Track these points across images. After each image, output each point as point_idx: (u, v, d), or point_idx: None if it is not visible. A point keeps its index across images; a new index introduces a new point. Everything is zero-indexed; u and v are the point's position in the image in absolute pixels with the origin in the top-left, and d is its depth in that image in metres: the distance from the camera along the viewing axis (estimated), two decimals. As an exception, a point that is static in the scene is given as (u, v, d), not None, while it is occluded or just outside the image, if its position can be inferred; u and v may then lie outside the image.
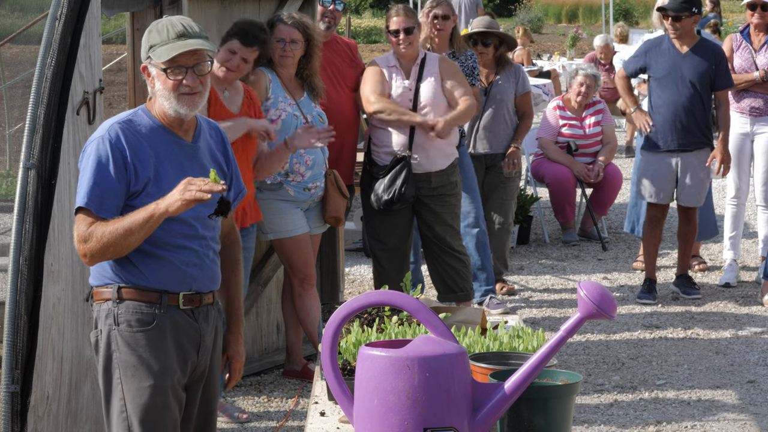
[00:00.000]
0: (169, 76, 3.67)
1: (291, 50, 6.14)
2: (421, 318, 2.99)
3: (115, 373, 3.73)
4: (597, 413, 6.04)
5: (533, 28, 31.86)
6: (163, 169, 3.69)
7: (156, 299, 3.73)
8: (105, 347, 3.73)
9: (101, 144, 3.65)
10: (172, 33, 3.68)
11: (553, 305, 8.10)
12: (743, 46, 8.26)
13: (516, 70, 8.37)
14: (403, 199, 6.69)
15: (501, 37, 8.31)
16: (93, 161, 3.64)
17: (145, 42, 3.72)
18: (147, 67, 3.72)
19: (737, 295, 8.25)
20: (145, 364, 3.71)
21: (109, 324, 3.72)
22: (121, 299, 3.71)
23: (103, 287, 3.74)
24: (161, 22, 3.74)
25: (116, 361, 3.72)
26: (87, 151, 3.68)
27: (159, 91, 3.71)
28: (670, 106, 7.80)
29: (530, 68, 17.33)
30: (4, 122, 11.86)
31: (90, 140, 3.70)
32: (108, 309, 3.72)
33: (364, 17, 39.32)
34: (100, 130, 3.71)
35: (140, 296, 3.72)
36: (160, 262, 3.72)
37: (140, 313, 3.72)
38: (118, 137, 3.66)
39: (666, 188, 7.92)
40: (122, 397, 3.72)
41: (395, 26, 6.78)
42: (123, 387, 3.72)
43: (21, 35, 9.07)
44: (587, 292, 2.90)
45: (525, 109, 8.36)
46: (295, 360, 6.59)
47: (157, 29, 3.71)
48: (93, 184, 3.62)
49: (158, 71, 3.69)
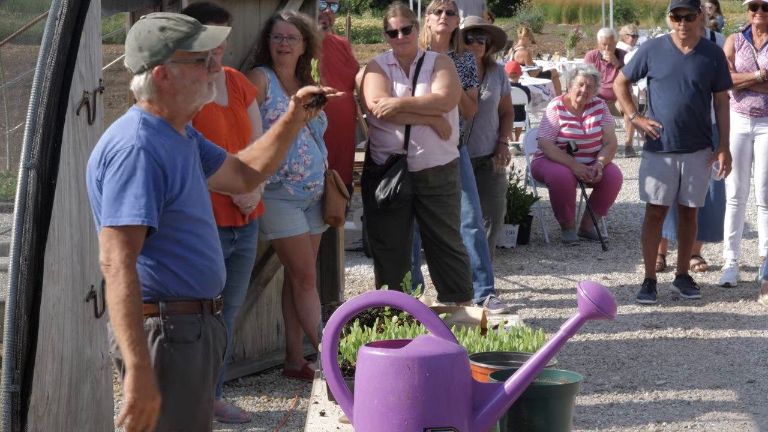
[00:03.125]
0: (207, 67, 3.57)
1: (288, 45, 6.11)
2: (421, 318, 2.99)
3: (165, 392, 3.55)
4: (597, 413, 6.04)
5: (533, 28, 31.87)
6: (185, 172, 3.58)
7: (199, 309, 3.64)
8: (155, 366, 3.54)
9: (138, 155, 3.47)
10: (191, 24, 3.58)
11: (553, 305, 8.11)
12: (745, 46, 8.27)
13: (500, 70, 8.36)
14: (399, 198, 6.69)
15: (493, 34, 8.28)
16: (139, 175, 3.44)
17: (157, 43, 3.54)
18: (166, 68, 3.54)
19: (737, 295, 8.25)
20: (199, 379, 3.64)
21: (160, 340, 3.58)
22: (170, 313, 3.59)
23: (145, 303, 3.52)
24: (162, 21, 3.57)
25: (170, 380, 3.59)
26: (120, 163, 3.47)
27: (185, 87, 3.57)
28: (671, 107, 7.80)
29: (530, 68, 17.35)
30: (4, 122, 11.86)
31: (119, 150, 3.48)
32: (155, 325, 3.58)
33: (364, 17, 39.33)
34: (129, 139, 3.50)
35: (186, 308, 3.62)
36: (201, 269, 3.63)
37: (190, 325, 3.62)
38: (150, 143, 3.51)
39: (668, 189, 7.92)
40: (169, 416, 3.59)
41: (393, 26, 6.78)
42: (170, 404, 3.58)
43: (21, 35, 9.07)
44: (587, 292, 2.90)
45: (507, 109, 8.39)
46: (295, 360, 6.59)
47: (167, 28, 3.55)
48: (146, 199, 3.43)
49: (188, 65, 3.55)
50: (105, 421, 4.90)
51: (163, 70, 3.55)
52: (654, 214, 8.07)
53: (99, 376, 4.85)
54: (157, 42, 3.54)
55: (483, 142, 8.22)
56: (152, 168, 3.47)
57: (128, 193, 3.44)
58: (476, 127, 8.14)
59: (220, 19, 5.56)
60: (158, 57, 3.54)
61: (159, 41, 3.55)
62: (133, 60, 3.58)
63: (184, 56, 3.56)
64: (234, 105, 5.70)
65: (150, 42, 3.55)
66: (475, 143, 8.16)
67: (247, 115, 5.77)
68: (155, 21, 3.59)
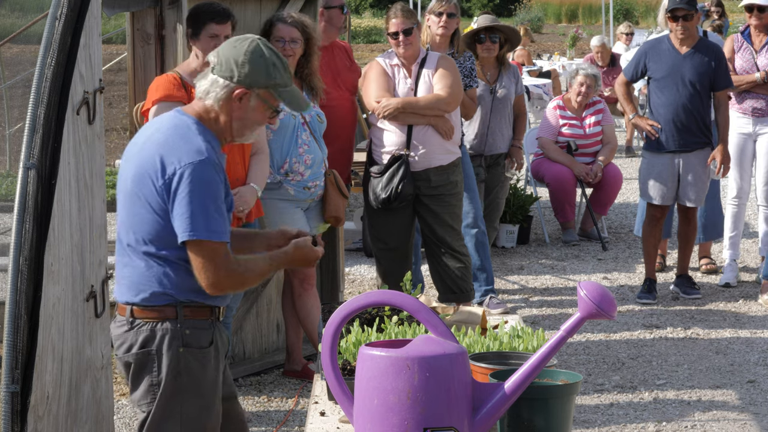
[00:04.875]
0: (271, 116, 3.69)
1: (291, 49, 6.13)
2: (421, 318, 2.99)
3: (178, 397, 3.64)
4: (597, 413, 6.04)
5: (533, 28, 31.88)
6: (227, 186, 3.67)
7: (210, 315, 3.70)
8: (170, 370, 3.62)
9: (208, 168, 3.54)
10: (289, 77, 3.68)
11: (553, 305, 8.10)
12: (744, 47, 8.26)
13: (514, 70, 8.44)
14: (400, 197, 6.69)
15: (507, 33, 8.34)
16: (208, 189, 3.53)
17: (262, 71, 3.61)
18: (249, 94, 3.62)
19: (737, 295, 8.25)
20: (212, 385, 3.68)
21: (177, 345, 3.62)
22: (186, 318, 3.64)
23: (161, 306, 3.62)
24: (275, 59, 3.64)
25: (183, 385, 3.64)
26: (192, 177, 3.52)
27: (246, 118, 3.65)
28: (670, 107, 7.80)
29: (530, 68, 17.34)
30: (4, 122, 11.87)
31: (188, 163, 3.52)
32: (172, 329, 3.62)
33: (364, 17, 39.34)
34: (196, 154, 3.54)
35: (200, 314, 3.67)
36: None
37: (204, 331, 3.67)
38: (214, 154, 3.59)
39: (668, 189, 7.92)
40: (179, 420, 3.64)
41: (394, 28, 6.78)
42: (182, 410, 3.64)
43: (21, 35, 9.08)
44: (587, 292, 2.90)
45: (520, 109, 8.53)
46: (295, 360, 6.59)
47: (277, 68, 3.63)
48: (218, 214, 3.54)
49: (264, 105, 3.65)
50: (105, 421, 4.90)
51: (246, 95, 3.62)
52: (654, 214, 8.07)
53: (99, 376, 4.85)
54: (262, 71, 3.62)
55: (499, 140, 8.31)
56: (218, 183, 3.57)
57: (210, 208, 3.53)
58: (493, 125, 8.21)
59: (222, 19, 5.56)
60: (250, 81, 3.61)
61: (263, 71, 3.62)
62: (229, 66, 3.62)
63: (268, 97, 3.64)
64: None
65: (256, 65, 3.61)
66: (492, 141, 8.24)
67: None
68: (272, 55, 3.65)
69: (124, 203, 3.66)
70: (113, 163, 9.77)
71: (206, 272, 3.53)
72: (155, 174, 3.55)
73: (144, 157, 3.60)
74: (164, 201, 3.54)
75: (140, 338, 3.65)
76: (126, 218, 3.66)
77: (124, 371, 3.74)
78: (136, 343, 3.66)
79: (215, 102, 3.63)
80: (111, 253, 4.35)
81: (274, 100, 3.65)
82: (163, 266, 3.59)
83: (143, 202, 3.58)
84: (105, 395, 4.90)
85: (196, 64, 5.60)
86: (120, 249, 3.71)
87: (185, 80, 5.56)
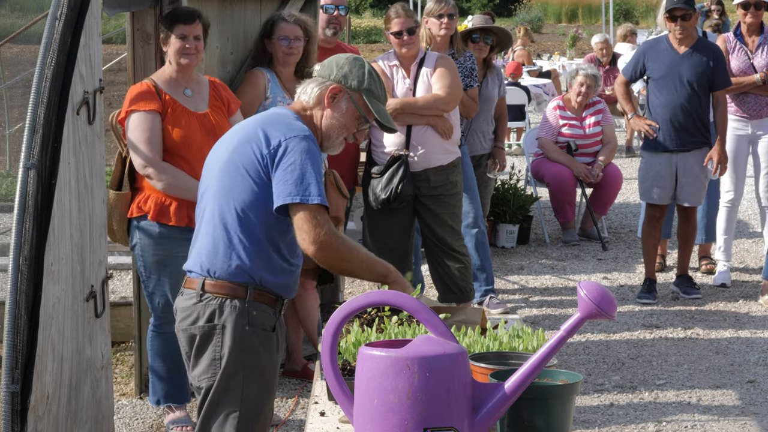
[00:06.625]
0: (360, 126, 3.77)
1: (296, 47, 6.15)
2: (421, 318, 2.99)
3: (240, 375, 3.73)
4: (597, 413, 6.04)
5: (533, 28, 31.87)
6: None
7: (275, 303, 3.80)
8: (234, 346, 3.71)
9: (313, 143, 3.66)
10: (384, 95, 3.78)
11: (553, 305, 8.11)
12: (738, 48, 8.23)
13: (498, 71, 8.47)
14: (400, 198, 6.69)
15: (500, 36, 8.35)
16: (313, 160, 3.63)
17: (359, 75, 3.73)
18: (343, 92, 3.73)
19: (737, 295, 8.25)
20: (272, 369, 3.79)
21: (243, 323, 3.71)
22: (254, 300, 3.73)
23: (236, 284, 3.70)
24: (374, 73, 3.77)
25: (246, 363, 3.73)
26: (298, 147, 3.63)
27: (336, 121, 3.75)
28: (668, 107, 7.81)
29: (530, 68, 17.34)
30: (4, 122, 11.88)
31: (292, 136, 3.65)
32: (240, 307, 3.71)
33: (364, 17, 39.35)
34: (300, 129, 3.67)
35: (267, 299, 3.76)
36: (288, 271, 3.80)
37: (269, 316, 3.77)
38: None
39: (666, 189, 7.92)
40: (239, 398, 3.72)
41: (397, 27, 6.78)
42: (243, 389, 3.73)
43: (21, 35, 9.09)
44: (587, 291, 2.90)
45: (501, 111, 8.57)
46: (295, 360, 6.59)
47: (374, 79, 3.75)
48: (321, 185, 3.65)
49: (355, 111, 3.75)
50: (105, 421, 4.90)
51: (340, 92, 3.74)
52: (653, 214, 8.07)
53: (99, 376, 4.85)
54: (359, 74, 3.74)
55: (480, 141, 8.31)
56: (320, 158, 3.70)
57: (316, 175, 3.61)
58: (475, 126, 8.21)
59: (189, 19, 5.50)
60: (346, 81, 3.73)
61: (360, 75, 3.74)
62: (330, 66, 3.77)
63: (360, 102, 3.73)
64: (213, 113, 5.64)
65: (355, 68, 3.74)
66: (473, 142, 8.23)
67: (228, 124, 5.71)
68: (373, 70, 3.78)
69: (218, 174, 3.73)
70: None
71: (314, 230, 3.58)
72: (258, 144, 3.65)
73: (246, 132, 3.71)
74: (266, 168, 3.63)
75: (208, 311, 3.72)
76: (218, 187, 3.72)
77: (187, 345, 3.80)
78: (203, 315, 3.73)
79: (310, 98, 3.75)
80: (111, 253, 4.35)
81: (364, 108, 3.73)
82: (245, 242, 3.68)
83: (241, 170, 3.67)
84: (105, 395, 4.91)
85: (170, 71, 5.55)
86: (207, 218, 3.76)
87: (160, 88, 5.49)
